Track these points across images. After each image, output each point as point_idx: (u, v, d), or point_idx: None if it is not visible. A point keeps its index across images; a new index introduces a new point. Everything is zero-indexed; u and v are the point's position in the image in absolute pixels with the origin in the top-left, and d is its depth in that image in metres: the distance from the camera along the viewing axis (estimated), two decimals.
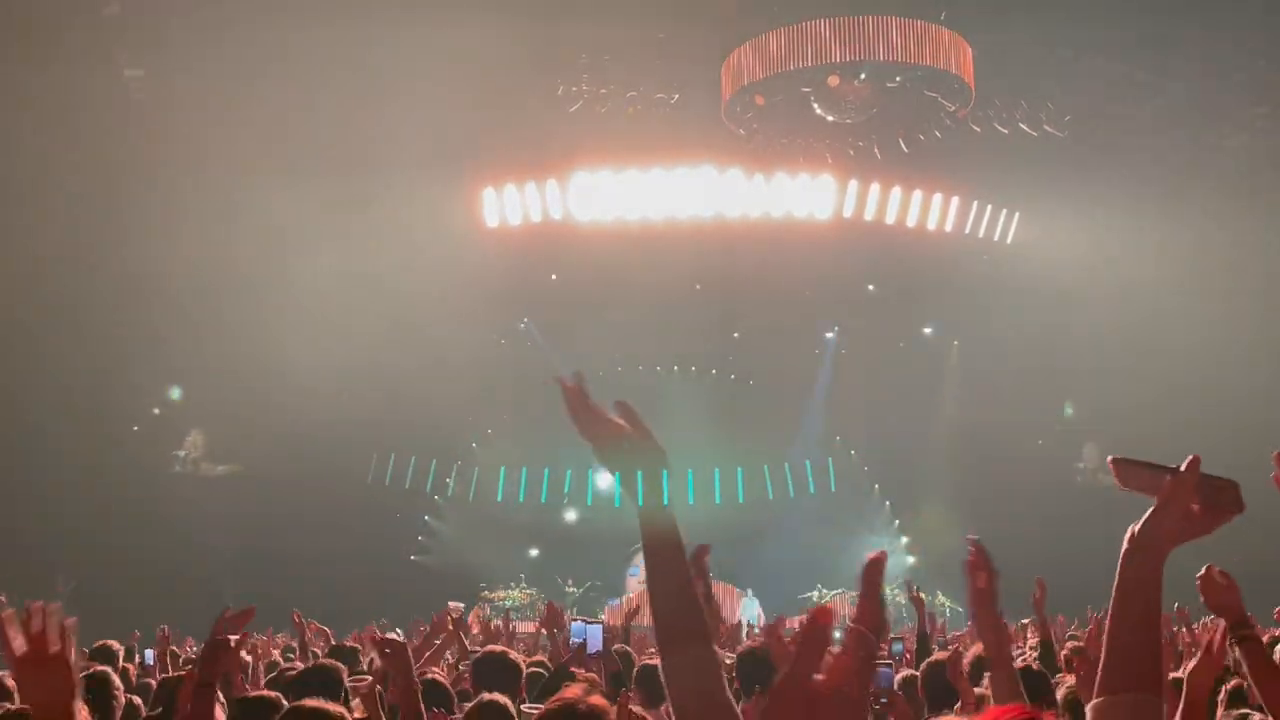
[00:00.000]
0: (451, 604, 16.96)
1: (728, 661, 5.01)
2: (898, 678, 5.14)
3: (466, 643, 7.44)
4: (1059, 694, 4.21)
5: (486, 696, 3.74)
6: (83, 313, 20.94)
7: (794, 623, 18.66)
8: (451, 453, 26.09)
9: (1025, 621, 8.78)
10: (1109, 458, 1.72)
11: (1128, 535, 1.69)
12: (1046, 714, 1.54)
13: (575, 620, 7.51)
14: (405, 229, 21.83)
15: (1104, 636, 1.69)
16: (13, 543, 18.64)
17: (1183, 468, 1.68)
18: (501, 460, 26.66)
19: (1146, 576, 1.67)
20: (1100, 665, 1.68)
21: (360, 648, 6.85)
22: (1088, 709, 1.70)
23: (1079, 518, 23.23)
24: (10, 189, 19.04)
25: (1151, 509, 1.69)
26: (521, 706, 4.03)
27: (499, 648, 4.34)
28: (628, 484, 1.72)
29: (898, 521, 26.47)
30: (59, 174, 19.61)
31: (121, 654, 7.26)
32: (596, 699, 2.66)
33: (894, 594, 22.52)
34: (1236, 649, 3.03)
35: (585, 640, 6.19)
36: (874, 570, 1.32)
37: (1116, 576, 1.68)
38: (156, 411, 24.72)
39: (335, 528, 21.52)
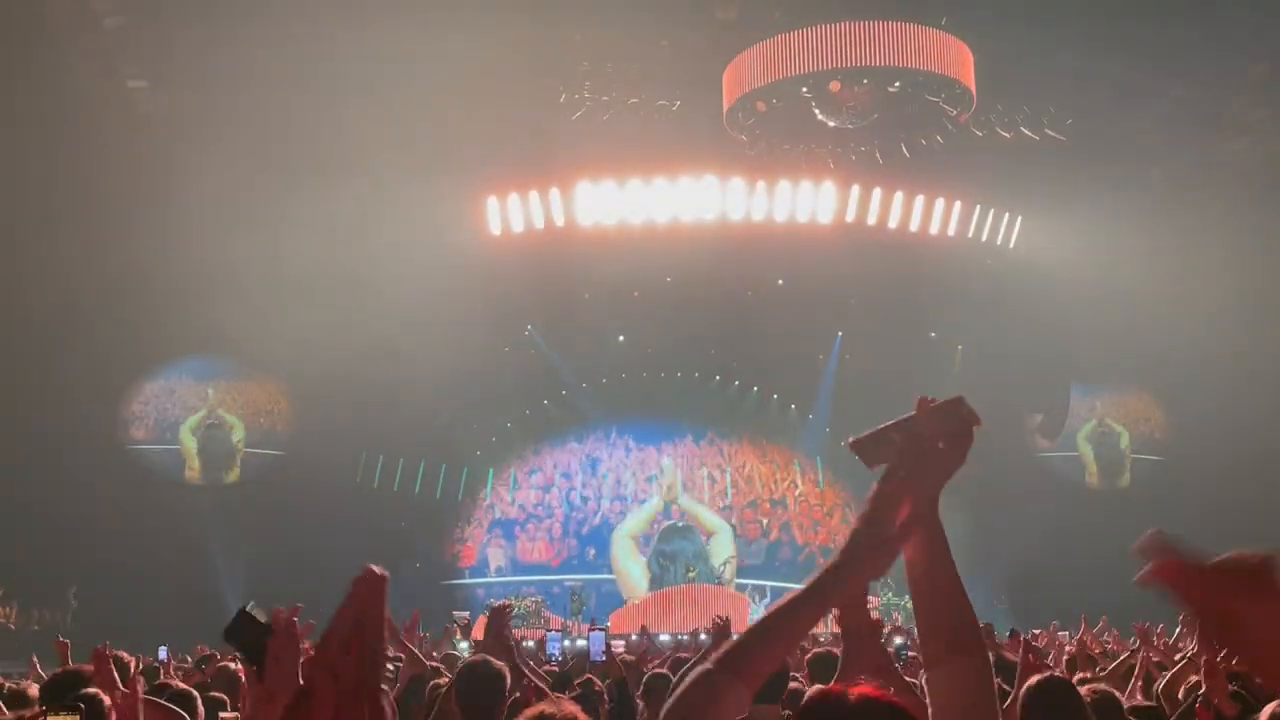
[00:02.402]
0: (456, 613, 16.95)
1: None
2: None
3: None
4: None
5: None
6: (85, 318, 21.01)
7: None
8: (455, 459, 26.09)
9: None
10: (845, 441, 1.67)
11: (879, 505, 1.61)
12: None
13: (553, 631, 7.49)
14: (409, 237, 21.87)
15: (930, 611, 1.63)
16: (22, 553, 18.70)
17: (910, 417, 1.62)
18: (504, 466, 26.72)
19: (934, 533, 1.63)
20: (920, 638, 1.63)
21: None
22: (922, 682, 1.64)
23: (1083, 523, 23.23)
24: (16, 199, 19.11)
25: (888, 470, 1.62)
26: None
27: (482, 656, 4.27)
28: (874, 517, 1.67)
29: None
30: (65, 184, 19.69)
31: (132, 665, 7.24)
32: (570, 707, 2.66)
33: (893, 599, 22.56)
34: None
35: (589, 647, 6.20)
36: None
37: (906, 551, 1.62)
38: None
39: (342, 531, 21.52)
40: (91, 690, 4.89)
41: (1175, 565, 1.05)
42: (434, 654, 7.47)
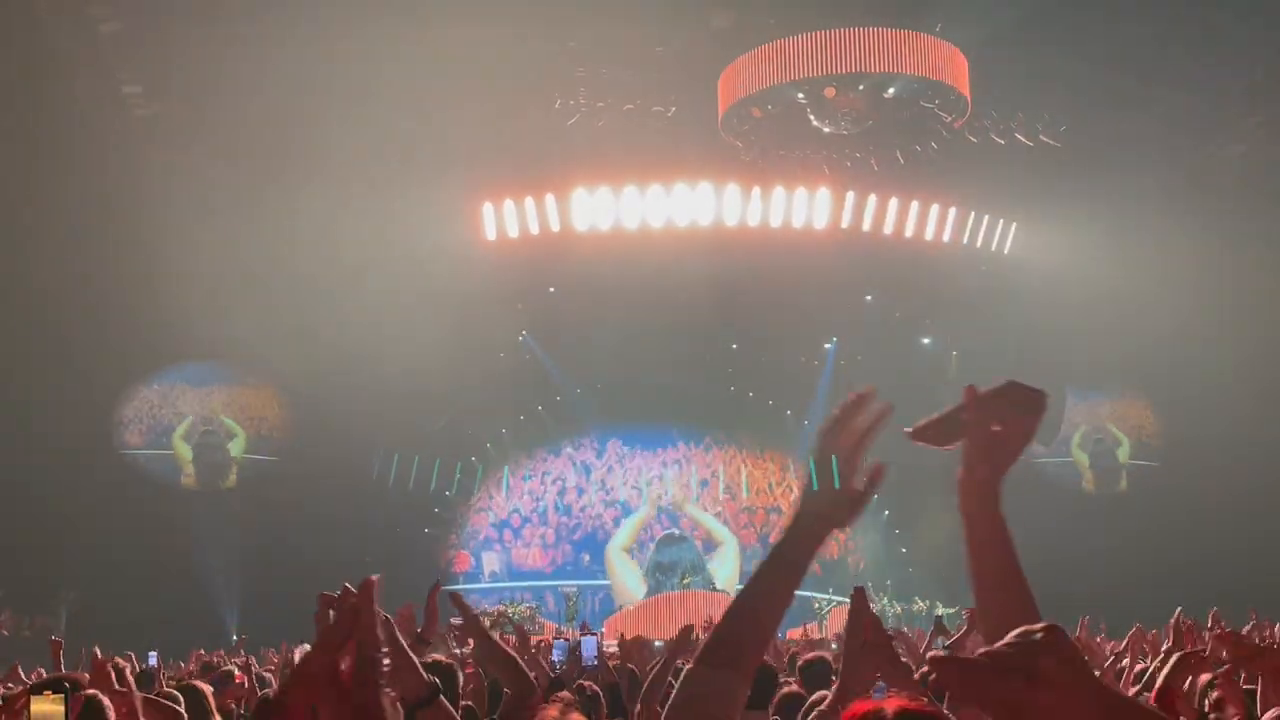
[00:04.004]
0: (454, 620, 16.89)
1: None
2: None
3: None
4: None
5: None
6: (78, 322, 20.98)
7: (795, 634, 18.67)
8: (450, 465, 26.08)
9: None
10: (905, 431, 1.69)
11: (959, 487, 1.64)
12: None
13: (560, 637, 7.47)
14: (405, 242, 21.88)
15: (981, 591, 1.61)
16: (16, 555, 18.66)
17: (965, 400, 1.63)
18: (499, 472, 26.72)
19: (989, 518, 1.62)
20: (992, 624, 1.59)
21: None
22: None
23: (1079, 527, 23.27)
24: (14, 208, 19.09)
25: (964, 448, 1.64)
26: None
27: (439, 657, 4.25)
28: (811, 494, 1.77)
29: (896, 531, 26.46)
30: (61, 187, 19.66)
31: (128, 668, 7.22)
32: (575, 717, 2.63)
33: (890, 604, 22.56)
34: None
35: (580, 653, 6.16)
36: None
37: (965, 531, 1.63)
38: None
39: (337, 537, 21.49)
40: (91, 691, 4.88)
41: (952, 668, 1.01)
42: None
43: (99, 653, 6.57)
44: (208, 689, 5.17)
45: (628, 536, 26.16)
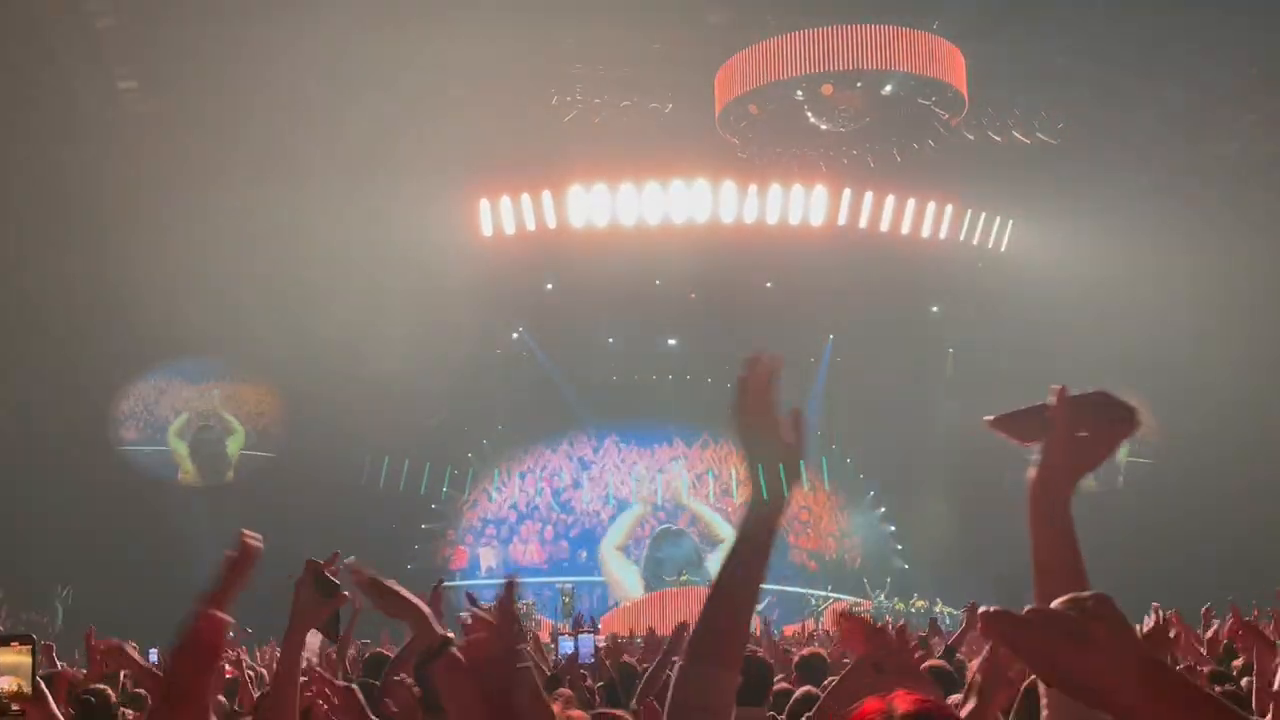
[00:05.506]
0: (463, 613, 16.87)
1: None
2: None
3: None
4: None
5: None
6: (75, 319, 20.97)
7: (791, 630, 18.70)
8: (447, 461, 26.09)
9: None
10: (985, 419, 1.66)
11: (1028, 486, 1.61)
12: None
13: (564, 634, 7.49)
14: (401, 238, 21.86)
15: (1044, 591, 1.58)
16: (10, 555, 18.64)
17: (1052, 399, 1.60)
18: (495, 468, 26.72)
19: (1058, 520, 1.60)
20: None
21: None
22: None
23: (1076, 524, 23.28)
24: (7, 201, 19.06)
25: (1040, 450, 1.61)
26: None
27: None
28: (757, 473, 1.78)
29: (893, 528, 26.51)
30: (57, 185, 19.64)
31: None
32: (575, 714, 2.63)
33: (885, 602, 22.60)
34: None
35: (576, 650, 6.17)
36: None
37: (1030, 521, 1.61)
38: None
39: (333, 533, 21.50)
40: (99, 686, 4.88)
41: (1005, 621, 1.04)
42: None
43: (94, 634, 6.55)
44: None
45: (621, 535, 26.19)
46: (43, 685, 2.09)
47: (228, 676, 6.83)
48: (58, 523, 19.91)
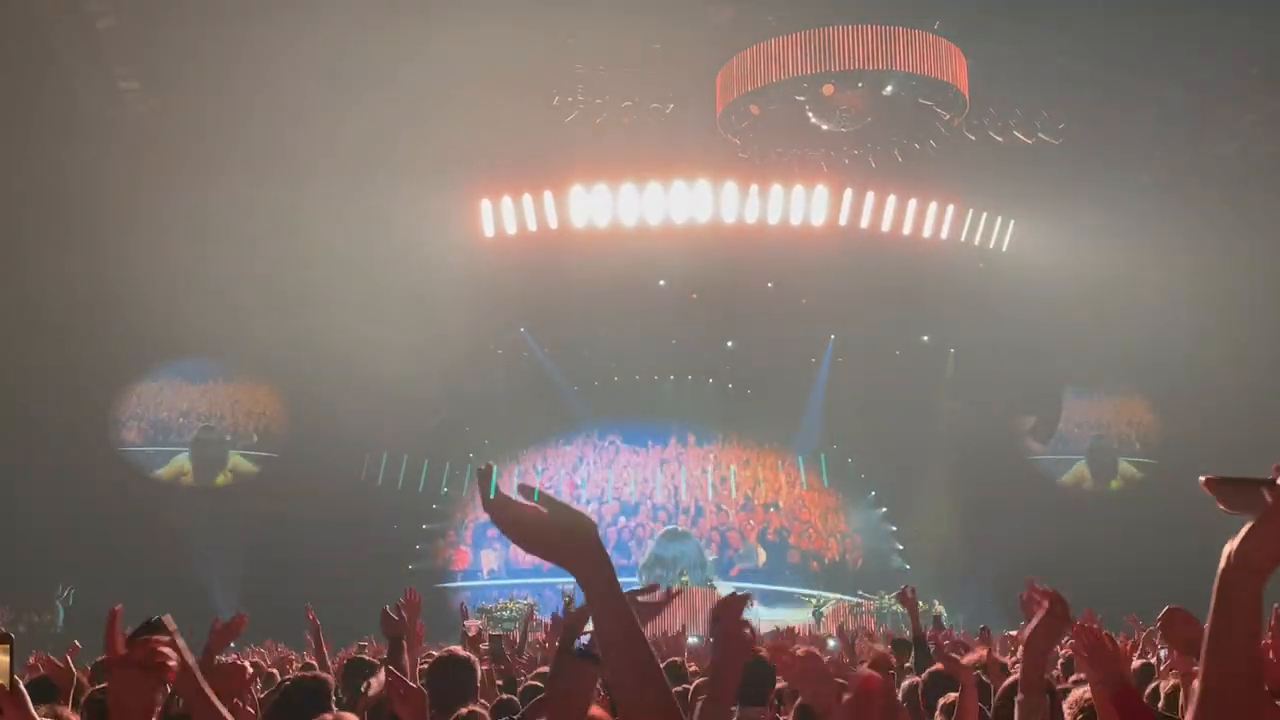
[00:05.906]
0: (468, 622, 16.84)
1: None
2: (904, 684, 5.12)
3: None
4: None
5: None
6: (75, 320, 20.97)
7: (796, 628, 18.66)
8: (447, 461, 26.08)
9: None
10: (1202, 479, 1.59)
11: (1225, 554, 1.55)
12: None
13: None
14: (403, 238, 21.86)
15: (1202, 661, 1.54)
16: (11, 555, 18.64)
17: (1278, 480, 1.54)
18: (496, 468, 26.68)
19: (1246, 599, 1.53)
20: (1198, 693, 1.54)
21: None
22: None
23: (1074, 524, 23.29)
24: (9, 202, 19.06)
25: (1249, 525, 1.55)
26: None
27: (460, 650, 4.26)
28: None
29: (894, 528, 26.49)
30: (58, 185, 19.65)
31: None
32: (596, 711, 2.61)
33: (889, 602, 22.57)
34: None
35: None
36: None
37: (1214, 598, 1.54)
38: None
39: (335, 534, 21.49)
40: (101, 687, 4.86)
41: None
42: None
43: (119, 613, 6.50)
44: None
45: None
46: (21, 686, 2.07)
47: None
48: (58, 523, 19.91)
